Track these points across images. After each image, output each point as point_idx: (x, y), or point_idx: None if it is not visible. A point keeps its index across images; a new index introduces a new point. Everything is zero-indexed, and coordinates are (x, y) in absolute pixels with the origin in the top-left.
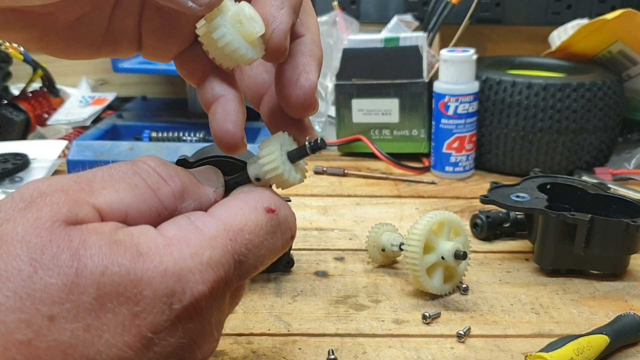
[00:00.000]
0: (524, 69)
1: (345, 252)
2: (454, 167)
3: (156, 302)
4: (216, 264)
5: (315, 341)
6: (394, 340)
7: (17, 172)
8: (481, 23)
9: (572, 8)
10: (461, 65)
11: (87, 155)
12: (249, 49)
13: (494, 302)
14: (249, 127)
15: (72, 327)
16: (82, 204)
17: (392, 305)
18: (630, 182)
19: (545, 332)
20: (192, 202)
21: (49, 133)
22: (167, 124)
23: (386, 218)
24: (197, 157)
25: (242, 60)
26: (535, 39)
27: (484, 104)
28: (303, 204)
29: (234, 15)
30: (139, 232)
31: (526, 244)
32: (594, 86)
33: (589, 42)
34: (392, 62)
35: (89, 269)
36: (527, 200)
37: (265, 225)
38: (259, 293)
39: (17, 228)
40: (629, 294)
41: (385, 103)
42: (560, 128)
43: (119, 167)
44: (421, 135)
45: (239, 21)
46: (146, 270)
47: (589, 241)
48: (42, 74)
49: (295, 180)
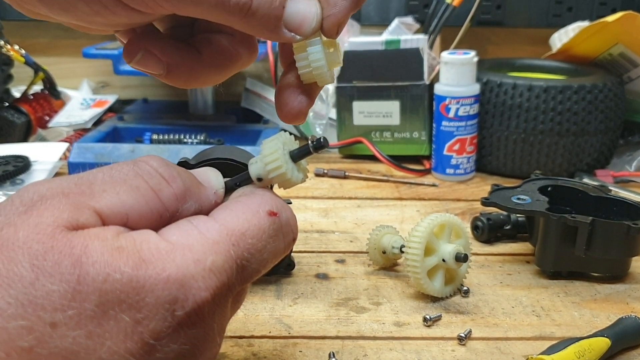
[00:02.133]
0: (525, 71)
1: (346, 255)
2: (454, 170)
3: (158, 309)
4: (219, 270)
5: (316, 343)
6: (395, 342)
7: (18, 174)
8: (482, 25)
9: (573, 10)
10: (462, 68)
11: (88, 158)
12: (329, 75)
13: (495, 304)
14: (250, 129)
15: (74, 334)
16: (83, 208)
17: (393, 307)
18: (632, 184)
19: (546, 335)
20: (193, 203)
21: (50, 135)
22: (168, 126)
23: (387, 220)
24: (198, 159)
25: (321, 80)
26: (536, 42)
27: (484, 106)
28: (304, 206)
29: (328, 42)
30: (141, 238)
31: (527, 246)
32: (595, 88)
33: (589, 45)
34: (393, 65)
35: (91, 276)
36: (528, 202)
37: (268, 229)
38: (260, 295)
39: (18, 233)
40: (631, 296)
41: (386, 105)
42: (561, 130)
43: (120, 168)
44: (422, 137)
45: (332, 47)
46: (148, 277)
47: (590, 243)
48: (43, 77)
49: (298, 179)
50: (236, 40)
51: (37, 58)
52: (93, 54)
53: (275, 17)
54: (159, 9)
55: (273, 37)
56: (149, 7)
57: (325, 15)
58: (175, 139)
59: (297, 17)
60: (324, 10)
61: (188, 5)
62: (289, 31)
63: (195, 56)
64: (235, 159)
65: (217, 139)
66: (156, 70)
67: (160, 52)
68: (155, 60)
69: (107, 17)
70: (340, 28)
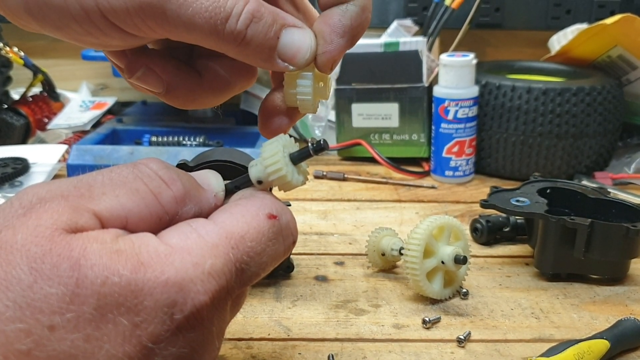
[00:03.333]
0: (524, 73)
1: (345, 257)
2: (453, 172)
3: (157, 313)
4: (218, 273)
5: (315, 346)
6: (394, 345)
7: (17, 176)
8: (481, 28)
9: (572, 13)
10: (461, 70)
11: (87, 160)
12: (314, 105)
13: (494, 306)
14: (249, 131)
15: (72, 337)
16: (82, 211)
17: (392, 309)
18: (630, 186)
19: (545, 337)
20: (193, 206)
21: (49, 137)
22: (167, 128)
23: (386, 222)
24: (197, 161)
25: (304, 109)
26: (534, 44)
27: (483, 108)
28: (303, 209)
29: (320, 76)
30: (140, 241)
31: (526, 248)
32: (593, 90)
33: (588, 47)
34: (392, 67)
35: (90, 279)
36: (527, 204)
37: (267, 232)
38: (259, 298)
39: (17, 236)
40: (630, 298)
41: (385, 107)
42: (560, 132)
43: (120, 171)
44: (421, 139)
45: (322, 82)
46: (147, 280)
47: (589, 245)
48: (42, 79)
49: (298, 182)
50: (235, 66)
51: (36, 60)
52: (92, 57)
53: (270, 47)
54: (152, 33)
55: (267, 67)
56: (141, 31)
57: (321, 51)
58: (174, 141)
59: (292, 48)
60: (319, 46)
61: (181, 31)
62: (283, 61)
63: (195, 79)
64: (235, 161)
65: (216, 141)
66: (156, 88)
67: (161, 71)
68: (155, 78)
69: (100, 38)
70: (334, 65)
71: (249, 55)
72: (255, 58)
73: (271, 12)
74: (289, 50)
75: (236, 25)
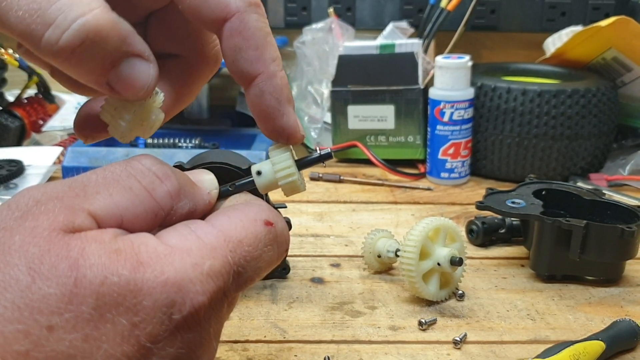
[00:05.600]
0: (519, 75)
1: (341, 259)
2: (449, 174)
3: (156, 313)
4: (216, 275)
5: (311, 348)
6: (390, 346)
7: (12, 178)
8: (476, 30)
9: (567, 15)
10: (456, 72)
11: (82, 162)
12: (128, 137)
13: (490, 308)
14: (245, 133)
15: (70, 337)
16: (77, 211)
17: (388, 311)
18: (625, 188)
19: (541, 338)
20: (187, 202)
21: (44, 139)
22: (162, 130)
23: (382, 224)
24: (193, 163)
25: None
26: (530, 46)
27: (479, 110)
28: (299, 210)
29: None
30: (140, 241)
31: (522, 250)
32: (588, 92)
33: (583, 49)
34: (387, 69)
35: (88, 278)
36: (523, 206)
37: (264, 238)
38: (255, 300)
39: (14, 237)
40: (625, 299)
41: (381, 109)
42: (555, 134)
43: (113, 169)
44: (417, 141)
45: (141, 119)
46: (146, 280)
47: (584, 247)
48: (37, 81)
49: (303, 187)
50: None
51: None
52: None
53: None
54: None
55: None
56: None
57: (285, 126)
58: (170, 143)
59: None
60: (276, 120)
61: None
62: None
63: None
64: (230, 163)
65: (212, 143)
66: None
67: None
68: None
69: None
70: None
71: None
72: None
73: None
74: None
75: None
